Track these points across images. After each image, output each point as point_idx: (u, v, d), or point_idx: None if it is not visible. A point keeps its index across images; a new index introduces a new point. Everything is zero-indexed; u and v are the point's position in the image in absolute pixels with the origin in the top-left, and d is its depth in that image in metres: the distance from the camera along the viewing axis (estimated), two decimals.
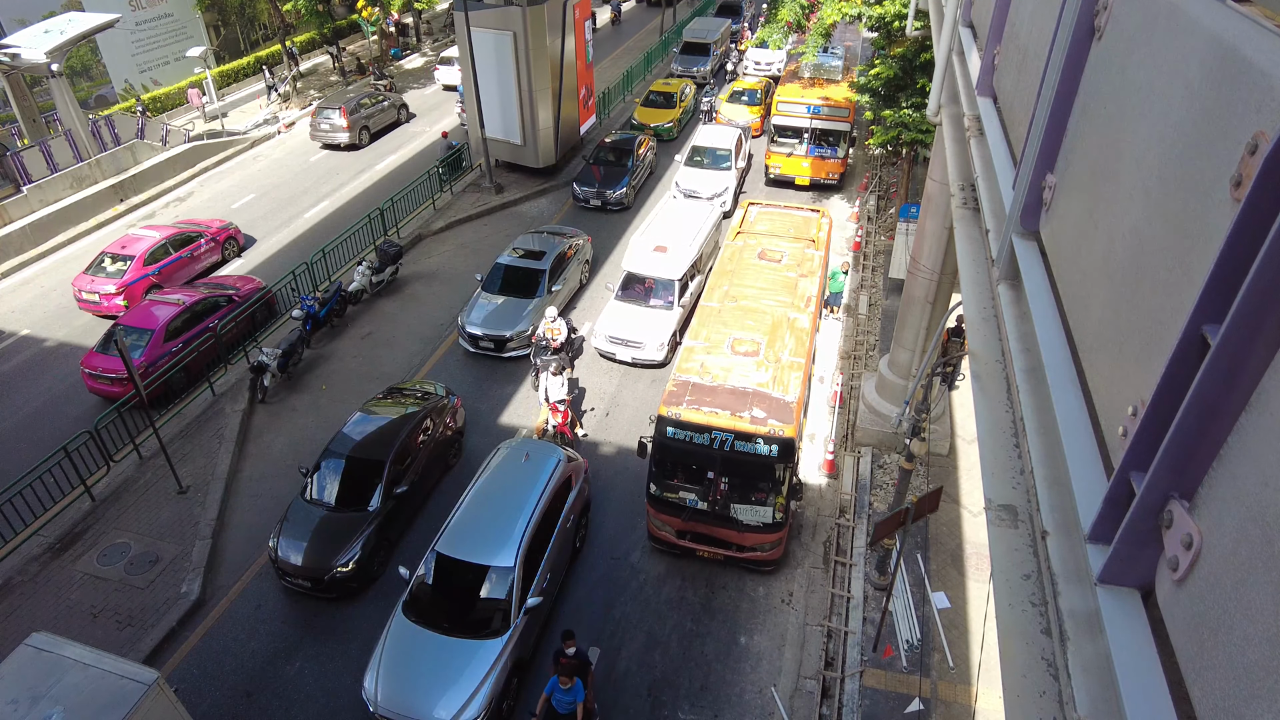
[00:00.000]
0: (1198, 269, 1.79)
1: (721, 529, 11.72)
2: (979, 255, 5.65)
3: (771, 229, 16.94)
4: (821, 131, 22.75)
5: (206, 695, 10.79)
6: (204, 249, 20.05)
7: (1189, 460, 1.79)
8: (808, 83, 23.95)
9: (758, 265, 15.27)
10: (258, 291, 17.99)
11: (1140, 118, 2.39)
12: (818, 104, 22.54)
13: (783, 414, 11.41)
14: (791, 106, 22.81)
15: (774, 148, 23.48)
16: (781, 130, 23.13)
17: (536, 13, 22.10)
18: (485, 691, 9.70)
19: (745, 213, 17.92)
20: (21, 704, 7.88)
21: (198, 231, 20.11)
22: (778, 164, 23.49)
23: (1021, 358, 3.67)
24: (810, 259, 15.57)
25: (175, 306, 16.27)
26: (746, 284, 14.63)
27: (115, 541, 12.88)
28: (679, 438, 11.47)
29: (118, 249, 18.66)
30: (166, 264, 18.91)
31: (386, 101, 29.01)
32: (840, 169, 23.22)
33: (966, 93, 7.20)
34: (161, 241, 18.93)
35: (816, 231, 16.65)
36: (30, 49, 22.61)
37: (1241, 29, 1.80)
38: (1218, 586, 1.60)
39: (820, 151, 22.98)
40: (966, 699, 10.51)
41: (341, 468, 12.51)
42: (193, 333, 16.22)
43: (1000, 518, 3.46)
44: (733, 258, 15.66)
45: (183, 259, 19.39)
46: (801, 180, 23.45)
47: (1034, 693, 2.74)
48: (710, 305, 14.08)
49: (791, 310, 13.83)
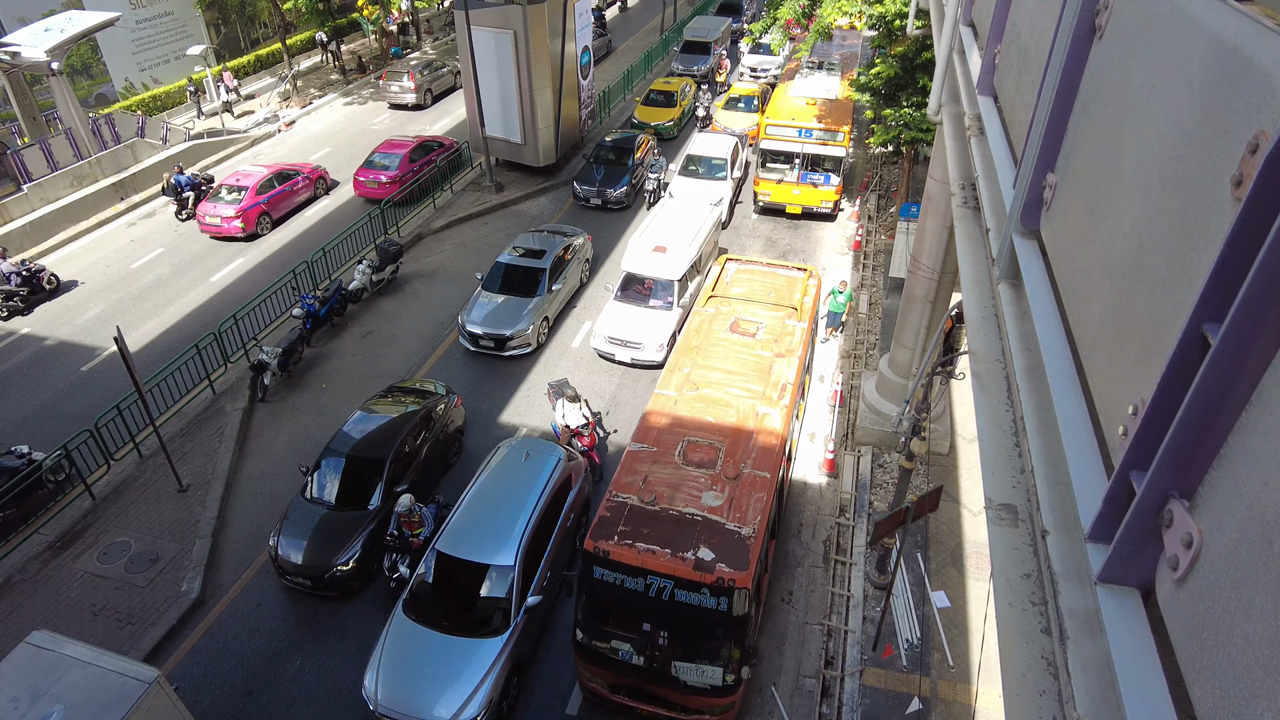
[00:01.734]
0: (1198, 268, 1.79)
1: (662, 688, 9.70)
2: (979, 254, 5.65)
3: (749, 292, 14.77)
4: (814, 157, 21.19)
5: (207, 693, 10.80)
6: (301, 184, 23.51)
7: (1189, 459, 1.79)
8: (799, 104, 22.16)
9: (728, 341, 13.25)
10: (455, 147, 25.39)
11: (1141, 117, 2.39)
12: (810, 127, 20.96)
13: (736, 554, 9.36)
14: (781, 130, 21.18)
15: (763, 174, 21.78)
16: (771, 155, 21.55)
17: (537, 11, 22.09)
18: (485, 690, 9.71)
19: (721, 272, 15.65)
20: (22, 702, 7.89)
21: (295, 170, 23.67)
22: (767, 191, 21.85)
23: (1022, 357, 3.67)
24: (790, 334, 13.43)
25: (412, 142, 24.44)
26: (712, 365, 12.69)
27: (115, 540, 12.89)
28: (609, 580, 9.51)
29: (233, 181, 22.21)
30: (273, 195, 22.50)
31: (445, 69, 32.68)
32: (835, 197, 21.51)
33: (967, 92, 7.20)
34: (268, 176, 22.52)
35: (801, 296, 14.51)
36: (30, 47, 22.60)
37: (1243, 28, 1.80)
38: (1218, 586, 1.60)
39: (812, 178, 21.33)
40: (966, 698, 10.52)
41: (342, 466, 12.52)
42: (424, 160, 24.02)
43: (1000, 517, 3.46)
44: (700, 330, 13.61)
45: (285, 191, 22.97)
46: (793, 209, 21.87)
47: (1034, 692, 2.74)
48: (666, 394, 12.10)
49: (762, 403, 11.85)
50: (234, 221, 21.50)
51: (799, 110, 21.65)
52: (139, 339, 17.72)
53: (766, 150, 21.46)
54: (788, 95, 22.89)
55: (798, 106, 21.95)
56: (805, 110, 21.59)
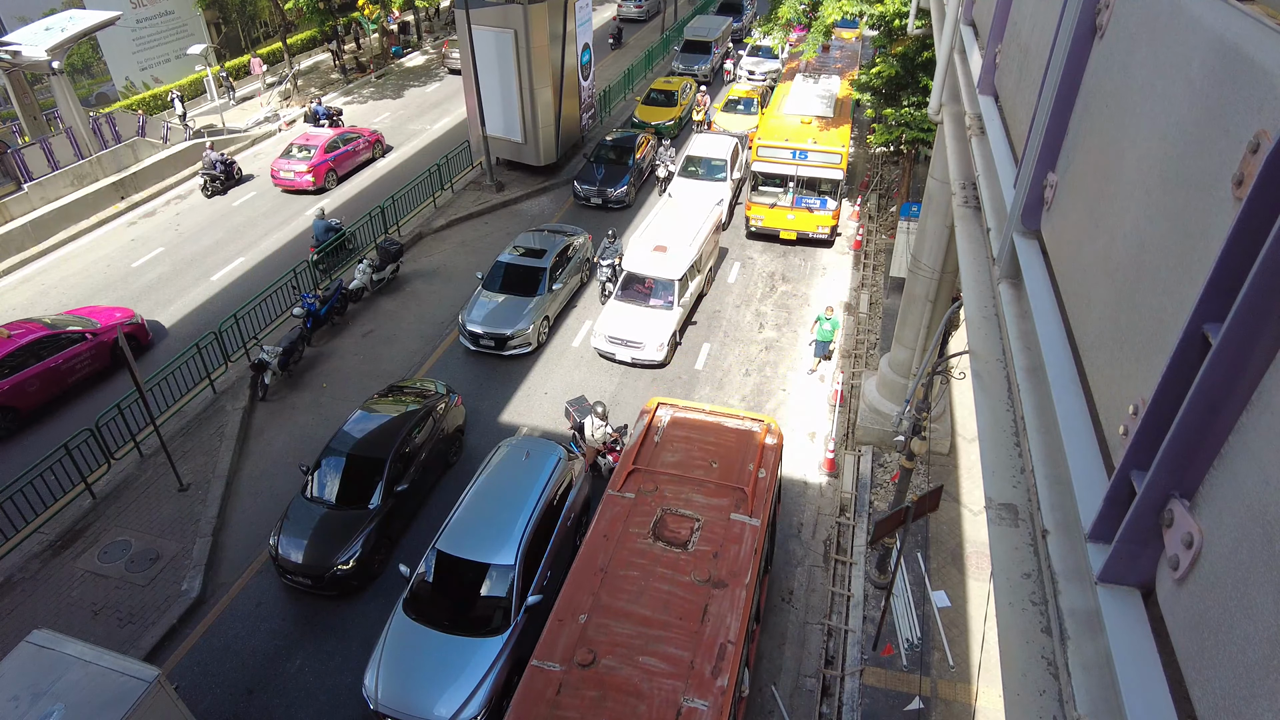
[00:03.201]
0: (1199, 268, 1.79)
1: None
2: (980, 254, 5.65)
3: (685, 459, 10.80)
4: (809, 180, 20.01)
5: (207, 692, 10.80)
6: (361, 146, 26.36)
7: (1190, 459, 1.79)
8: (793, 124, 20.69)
9: (648, 556, 9.40)
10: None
11: (1142, 116, 2.39)
12: (805, 148, 19.63)
13: None
14: (774, 151, 19.90)
15: (755, 197, 20.61)
16: (764, 177, 20.34)
17: (538, 11, 22.08)
18: (485, 689, 9.71)
19: (649, 424, 11.47)
20: (23, 701, 7.89)
21: (356, 133, 26.53)
22: (760, 215, 20.64)
23: (1022, 356, 3.67)
24: (739, 539, 9.55)
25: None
26: (618, 605, 8.85)
27: (116, 539, 12.90)
28: None
29: (302, 142, 24.96)
30: (338, 154, 25.28)
31: None
32: (832, 222, 20.20)
33: (968, 91, 7.19)
34: (334, 137, 25.33)
35: (756, 467, 10.58)
36: (31, 46, 22.61)
37: (1244, 28, 1.80)
38: (1218, 585, 1.60)
39: (808, 202, 20.11)
40: (967, 698, 10.52)
41: (342, 465, 12.52)
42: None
43: (1001, 516, 3.46)
44: (610, 534, 9.76)
45: (348, 151, 25.78)
46: (787, 234, 20.71)
47: (1034, 691, 2.74)
48: (542, 670, 8.28)
49: (688, 691, 7.98)
50: (305, 176, 24.38)
51: (793, 129, 20.40)
52: None
53: (759, 172, 20.28)
54: (781, 113, 21.69)
55: (791, 125, 20.71)
56: (800, 129, 20.36)
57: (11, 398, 14.83)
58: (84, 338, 15.97)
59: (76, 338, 15.85)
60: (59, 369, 15.49)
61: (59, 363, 15.47)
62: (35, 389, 15.20)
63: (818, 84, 23.50)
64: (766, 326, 18.17)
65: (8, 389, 14.73)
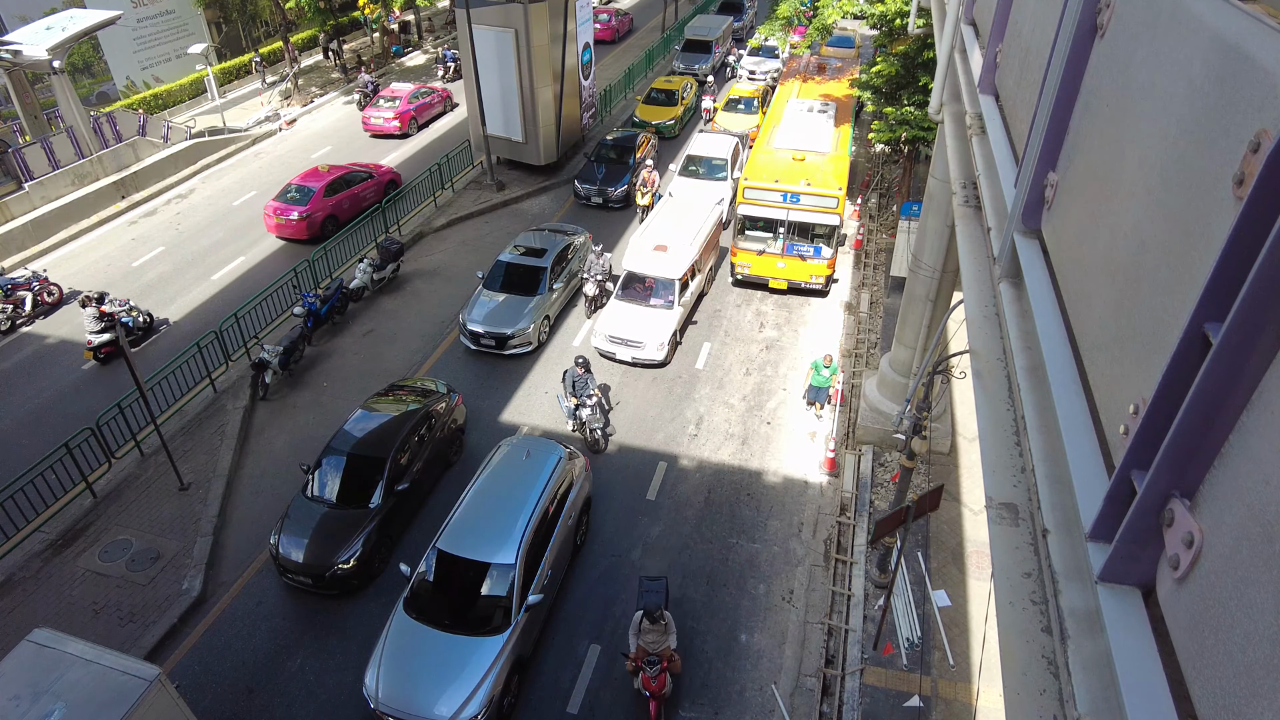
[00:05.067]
0: (1200, 267, 1.79)
1: None
2: (981, 253, 5.65)
3: None
4: (802, 225, 17.97)
5: (208, 691, 10.81)
6: (436, 100, 29.97)
7: (1190, 458, 1.79)
8: (786, 161, 18.62)
9: None
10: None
11: (1142, 116, 2.39)
12: (797, 190, 17.58)
13: None
14: (763, 193, 17.82)
15: (741, 242, 18.51)
16: (751, 221, 18.31)
17: (538, 10, 22.07)
18: (486, 688, 9.71)
19: None
20: (24, 700, 7.90)
21: (431, 89, 30.21)
22: (746, 263, 18.55)
23: (1023, 356, 3.67)
24: None
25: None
26: None
27: (117, 538, 12.90)
28: None
29: (389, 94, 28.93)
30: (419, 104, 29.09)
31: None
32: (827, 271, 18.19)
33: (968, 90, 7.19)
34: (414, 90, 29.29)
35: None
36: (32, 45, 22.62)
37: (1245, 27, 1.80)
38: (1219, 585, 1.60)
39: (800, 250, 18.05)
40: (967, 697, 10.52)
41: (343, 465, 12.52)
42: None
43: (1001, 516, 3.46)
44: None
45: (426, 103, 29.45)
46: (777, 284, 18.63)
47: (1034, 691, 2.74)
48: None
49: None
50: (393, 122, 28.02)
51: (784, 168, 18.23)
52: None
53: (746, 216, 18.21)
54: (770, 146, 19.59)
55: (782, 162, 18.54)
56: (791, 168, 18.23)
57: (336, 210, 21.78)
58: (370, 175, 23.04)
59: (365, 175, 22.98)
60: (358, 195, 22.50)
61: (358, 191, 22.50)
62: (347, 207, 22.06)
63: (812, 112, 21.33)
64: (767, 326, 18.17)
65: (333, 204, 21.72)
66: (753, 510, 13.49)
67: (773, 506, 13.54)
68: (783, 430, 15.18)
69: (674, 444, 14.86)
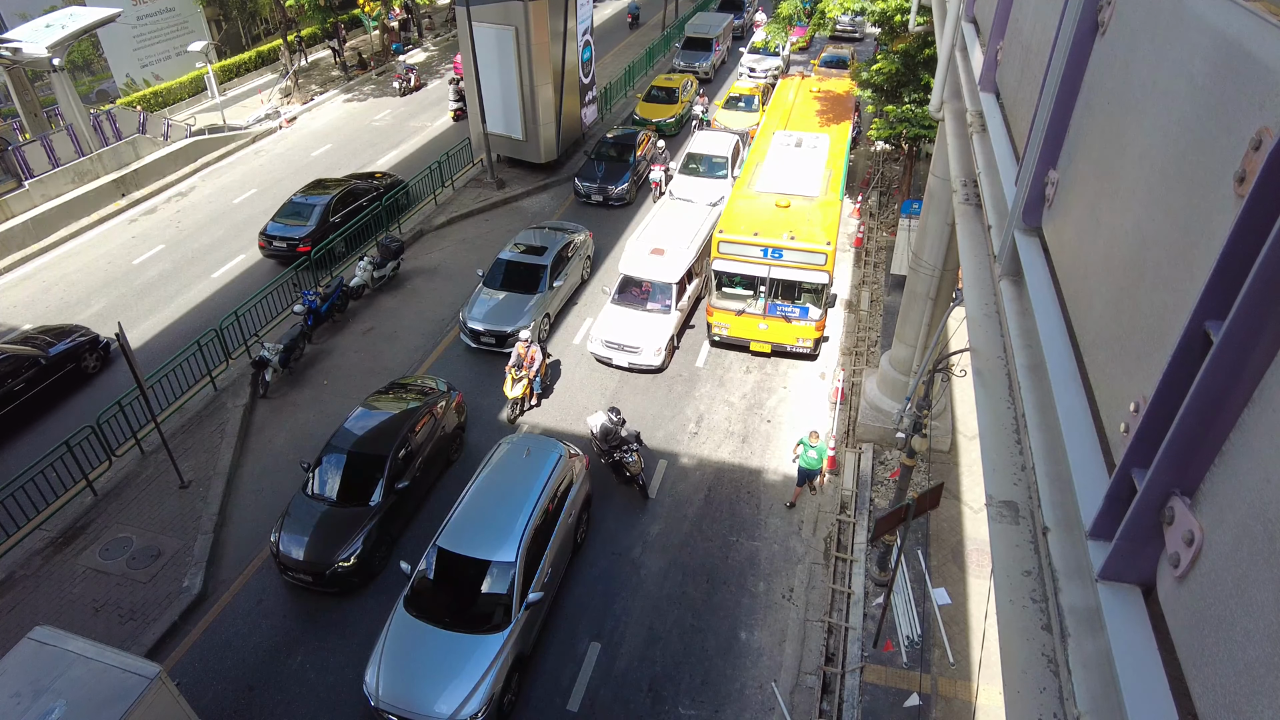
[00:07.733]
0: (1200, 265, 1.79)
1: None
2: (981, 251, 5.64)
3: None
4: (786, 283, 15.75)
5: (208, 689, 10.82)
6: None
7: (1191, 457, 1.79)
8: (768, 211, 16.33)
9: None
10: None
11: (1143, 113, 2.38)
12: (780, 245, 15.33)
13: None
14: (741, 248, 15.54)
15: (718, 301, 16.28)
16: (727, 278, 16.10)
17: (538, 8, 22.04)
18: (486, 686, 9.72)
19: None
20: (24, 697, 7.91)
21: None
22: (724, 323, 16.36)
23: (1023, 354, 3.67)
24: None
25: None
26: None
27: (117, 536, 12.91)
28: None
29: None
30: None
31: None
32: (815, 334, 15.97)
33: (969, 88, 7.18)
34: None
35: None
36: (31, 43, 22.59)
37: (1246, 25, 1.79)
38: (1219, 583, 1.60)
39: (784, 310, 15.78)
40: (967, 695, 10.53)
41: (343, 463, 12.53)
42: None
43: (1001, 514, 3.46)
44: None
45: None
46: (759, 347, 16.49)
47: (1034, 689, 2.74)
48: None
49: None
50: None
51: (765, 219, 15.97)
52: (140, 335, 17.74)
53: (721, 272, 15.96)
54: (752, 190, 17.26)
55: (764, 211, 16.30)
56: (774, 217, 16.04)
57: None
58: None
59: None
60: None
61: None
62: None
63: (800, 147, 18.82)
64: None
65: None
66: (753, 508, 13.50)
67: (773, 504, 13.54)
68: (783, 428, 15.17)
69: (674, 442, 14.86)
